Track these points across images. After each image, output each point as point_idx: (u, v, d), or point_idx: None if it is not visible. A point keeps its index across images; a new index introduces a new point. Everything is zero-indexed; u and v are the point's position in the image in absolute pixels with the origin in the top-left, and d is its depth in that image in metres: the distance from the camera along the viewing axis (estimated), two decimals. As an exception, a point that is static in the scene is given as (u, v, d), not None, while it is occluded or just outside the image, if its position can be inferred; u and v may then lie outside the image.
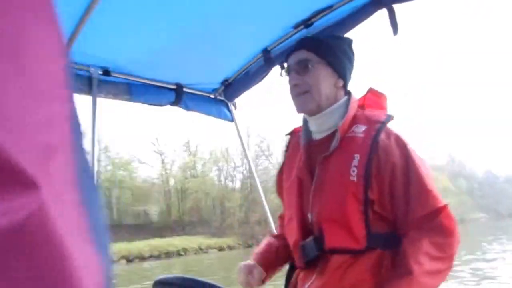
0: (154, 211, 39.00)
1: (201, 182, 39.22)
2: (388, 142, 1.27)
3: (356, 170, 1.24)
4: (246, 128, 36.33)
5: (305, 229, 1.35)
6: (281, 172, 1.56)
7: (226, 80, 2.41)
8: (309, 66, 1.34)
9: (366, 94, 1.48)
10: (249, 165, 2.58)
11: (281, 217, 1.63)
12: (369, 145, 1.26)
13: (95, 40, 1.87)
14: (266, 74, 2.20)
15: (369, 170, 1.24)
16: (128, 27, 1.81)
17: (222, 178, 41.59)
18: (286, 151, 1.56)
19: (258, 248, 1.54)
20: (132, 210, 38.32)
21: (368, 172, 1.24)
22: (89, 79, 2.06)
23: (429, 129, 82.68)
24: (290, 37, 1.99)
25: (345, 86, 1.41)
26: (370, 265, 1.24)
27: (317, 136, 1.43)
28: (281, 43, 2.05)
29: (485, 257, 14.96)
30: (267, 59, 2.12)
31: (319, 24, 1.86)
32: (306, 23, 1.88)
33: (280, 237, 1.57)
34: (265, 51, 2.11)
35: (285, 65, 1.44)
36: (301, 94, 1.36)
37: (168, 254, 27.57)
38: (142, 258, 26.14)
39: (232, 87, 2.41)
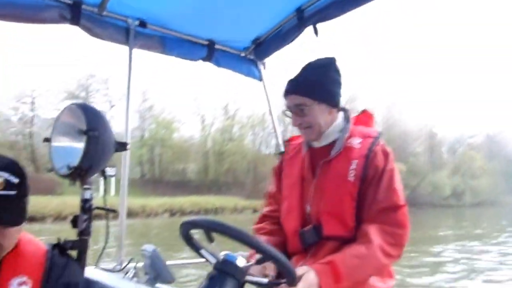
0: (192, 170, 39.90)
1: (238, 145, 39.57)
2: (377, 150, 1.49)
3: (354, 173, 1.46)
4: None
5: (303, 219, 1.54)
6: (279, 169, 1.72)
7: (257, 39, 2.37)
8: (305, 109, 1.51)
9: (359, 114, 1.69)
10: (274, 126, 2.57)
11: (265, 215, 1.73)
12: (365, 154, 1.48)
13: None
14: (298, 35, 2.13)
15: (365, 174, 1.46)
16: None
17: (257, 143, 41.79)
18: (286, 153, 1.74)
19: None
20: (172, 168, 39.36)
21: (363, 176, 1.45)
22: (126, 29, 2.08)
23: (468, 107, 79.06)
24: (325, -4, 1.91)
25: (338, 108, 1.58)
26: None
27: (316, 145, 1.60)
28: (315, 2, 1.97)
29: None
30: (301, 19, 2.06)
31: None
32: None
33: (272, 233, 1.65)
34: (299, 11, 2.05)
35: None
36: (305, 129, 1.54)
37: (206, 211, 28.36)
38: (183, 213, 27.01)
39: (263, 46, 2.37)
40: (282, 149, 1.78)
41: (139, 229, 17.56)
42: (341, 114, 1.59)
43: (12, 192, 1.14)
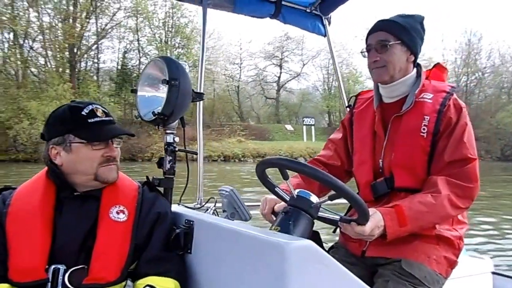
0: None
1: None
2: (449, 105, 1.38)
3: (426, 129, 1.37)
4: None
5: (376, 172, 1.47)
6: (349, 122, 1.64)
7: (322, -7, 2.12)
8: (387, 45, 1.41)
9: (432, 68, 1.56)
10: (339, 82, 2.39)
11: (316, 159, 1.67)
12: (437, 109, 1.37)
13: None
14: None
15: (437, 128, 1.36)
16: None
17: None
18: (353, 107, 1.65)
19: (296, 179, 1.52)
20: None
21: (435, 130, 1.36)
22: (200, -11, 2.05)
23: None
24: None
25: (415, 60, 1.48)
26: None
27: (387, 100, 1.51)
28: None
29: None
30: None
31: None
32: None
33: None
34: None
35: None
36: (378, 68, 1.44)
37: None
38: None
39: (328, 0, 2.13)
40: (346, 103, 1.70)
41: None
42: (415, 70, 1.49)
43: (107, 118, 1.29)
